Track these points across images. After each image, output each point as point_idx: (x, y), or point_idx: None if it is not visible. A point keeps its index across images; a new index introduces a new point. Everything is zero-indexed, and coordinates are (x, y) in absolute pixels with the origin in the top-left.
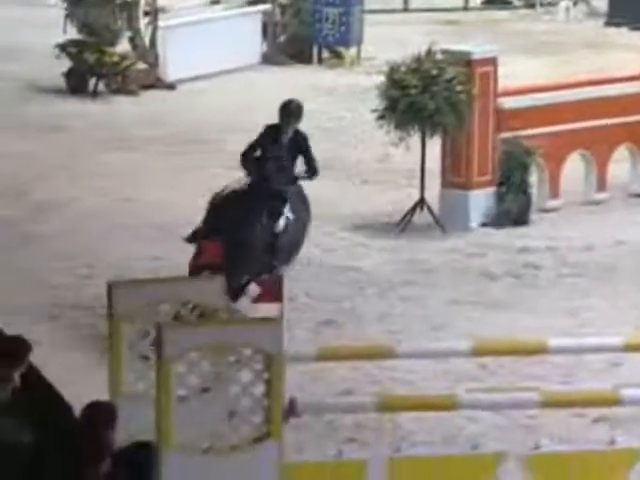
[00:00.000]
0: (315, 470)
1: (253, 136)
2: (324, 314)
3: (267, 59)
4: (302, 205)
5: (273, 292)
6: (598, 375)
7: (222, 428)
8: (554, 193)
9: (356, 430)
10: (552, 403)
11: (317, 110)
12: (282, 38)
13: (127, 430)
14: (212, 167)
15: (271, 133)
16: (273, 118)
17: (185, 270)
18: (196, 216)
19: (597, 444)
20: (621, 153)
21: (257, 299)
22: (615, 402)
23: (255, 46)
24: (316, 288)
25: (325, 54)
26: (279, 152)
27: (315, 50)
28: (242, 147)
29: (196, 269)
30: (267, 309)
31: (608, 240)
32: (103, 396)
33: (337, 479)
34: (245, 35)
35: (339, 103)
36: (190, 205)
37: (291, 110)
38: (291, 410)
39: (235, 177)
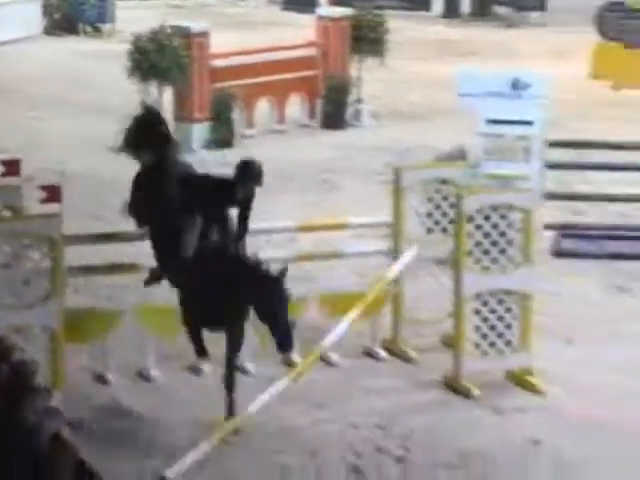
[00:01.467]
0: (88, 316)
1: (44, 87)
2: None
3: (46, 32)
4: None
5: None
6: (280, 247)
7: (21, 291)
8: (250, 125)
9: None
10: None
11: (83, 69)
12: (57, 16)
13: None
14: (18, 109)
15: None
16: (50, 70)
17: None
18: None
19: None
20: (294, 98)
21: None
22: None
23: (37, 22)
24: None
25: (88, 29)
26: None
27: (81, 26)
28: (37, 94)
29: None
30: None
31: (288, 157)
32: None
33: (103, 324)
34: (30, 14)
35: (99, 64)
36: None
37: (254, 171)
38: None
39: None
